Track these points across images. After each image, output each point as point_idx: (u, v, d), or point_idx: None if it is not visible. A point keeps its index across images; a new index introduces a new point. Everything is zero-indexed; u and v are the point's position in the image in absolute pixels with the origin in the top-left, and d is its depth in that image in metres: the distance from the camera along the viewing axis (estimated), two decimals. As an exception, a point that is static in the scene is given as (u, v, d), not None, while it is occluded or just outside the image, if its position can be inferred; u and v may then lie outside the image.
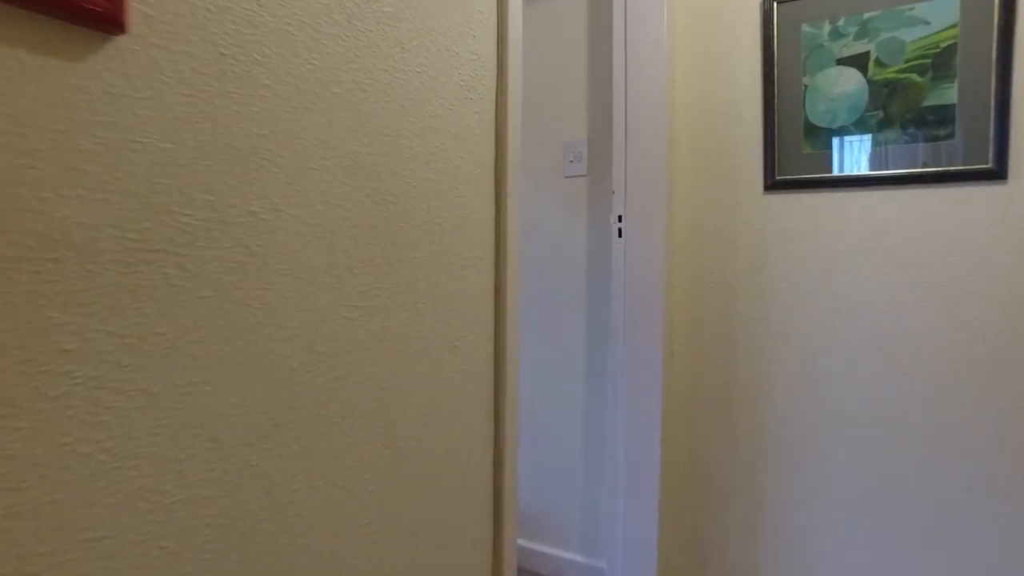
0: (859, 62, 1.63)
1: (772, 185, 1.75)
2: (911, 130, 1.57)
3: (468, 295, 1.02)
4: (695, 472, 1.88)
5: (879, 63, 1.61)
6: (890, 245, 1.61)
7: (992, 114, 1.49)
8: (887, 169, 1.60)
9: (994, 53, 1.48)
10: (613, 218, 1.89)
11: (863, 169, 1.63)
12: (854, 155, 1.64)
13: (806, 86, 1.70)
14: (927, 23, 1.55)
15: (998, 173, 1.49)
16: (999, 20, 1.47)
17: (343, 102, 0.80)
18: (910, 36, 1.57)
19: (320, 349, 0.78)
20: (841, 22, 1.64)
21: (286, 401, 0.74)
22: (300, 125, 0.74)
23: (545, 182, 2.12)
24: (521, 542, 2.21)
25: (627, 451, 1.84)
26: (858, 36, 1.62)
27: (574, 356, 2.08)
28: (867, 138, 1.62)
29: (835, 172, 1.67)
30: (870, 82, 1.62)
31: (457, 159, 0.99)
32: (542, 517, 2.15)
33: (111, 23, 0.54)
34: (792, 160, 1.72)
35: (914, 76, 1.57)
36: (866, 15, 1.61)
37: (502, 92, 1.08)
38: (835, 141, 1.66)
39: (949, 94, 1.53)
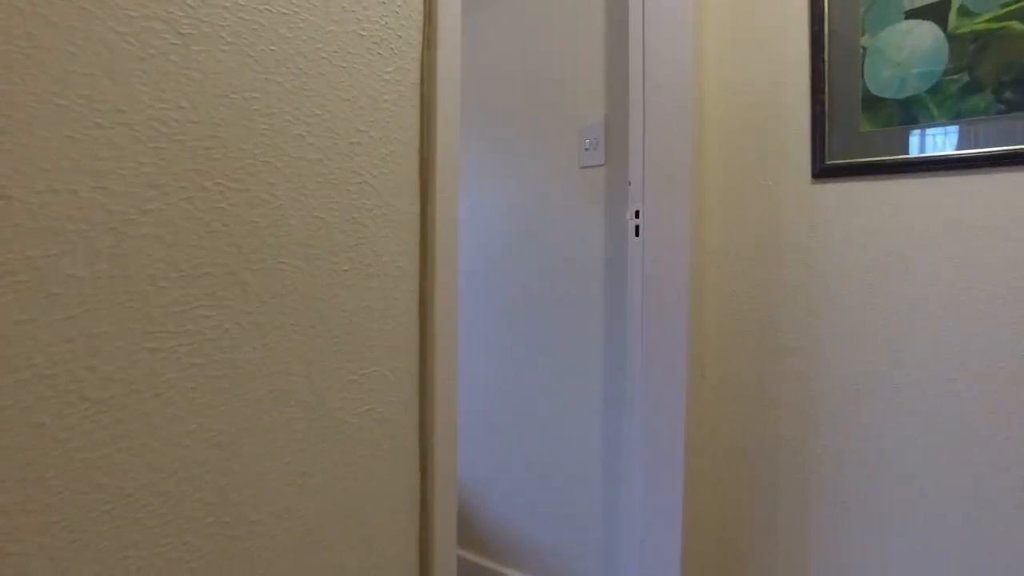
0: (936, 12, 1.28)
1: (822, 172, 1.41)
2: (1008, 96, 1.21)
3: (375, 314, 0.77)
4: (725, 524, 1.57)
5: (964, 11, 1.25)
6: (981, 250, 1.25)
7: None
8: (975, 148, 1.24)
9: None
10: (629, 213, 1.59)
11: (942, 149, 1.28)
12: (930, 132, 1.29)
13: (865, 48, 1.36)
14: (1030, -43, 1.18)
15: None
16: None
17: (137, 48, 0.57)
18: (1007, -25, 1.21)
19: (90, 400, 0.55)
20: (913, -36, 1.29)
21: None
22: (47, 74, 0.52)
23: (558, 173, 1.85)
24: (532, 583, 1.95)
25: (643, 498, 1.55)
26: (936, -20, 1.27)
27: (590, 373, 1.80)
28: (947, 109, 1.27)
29: (904, 154, 1.32)
30: (951, 37, 1.26)
31: (354, 133, 0.74)
32: (550, 554, 1.88)
33: None
34: (847, 141, 1.38)
35: (1014, 25, 1.20)
36: (946, -47, 1.26)
37: (431, 47, 0.83)
38: (903, 114, 1.32)
39: (1061, 48, 1.16)
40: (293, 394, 0.69)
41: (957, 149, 1.26)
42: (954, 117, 1.26)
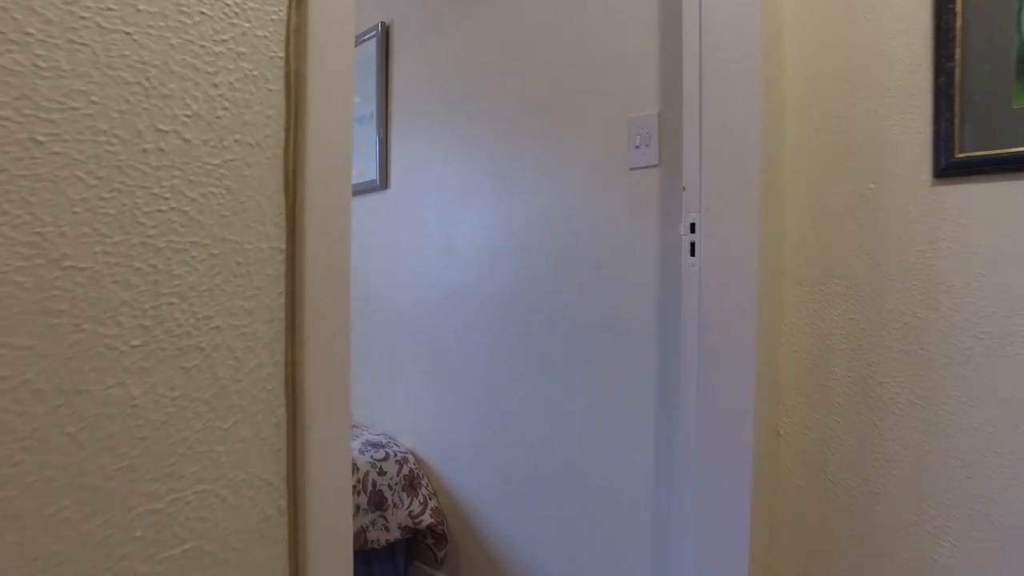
0: None
1: (949, 169, 1.02)
2: None
3: (199, 408, 0.51)
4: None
5: None
6: None
7: None
8: None
9: None
10: (683, 227, 1.25)
11: None
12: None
13: (1019, -11, 0.95)
14: None
15: None
16: None
17: None
18: None
19: None
20: None
21: None
22: None
23: (603, 175, 1.53)
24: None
25: (697, 585, 1.20)
26: None
27: (639, 423, 1.46)
28: None
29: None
30: None
31: (150, 134, 0.49)
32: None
33: None
34: (989, 123, 0.98)
35: None
36: None
37: (300, 10, 0.56)
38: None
39: None
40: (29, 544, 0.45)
41: None
42: None
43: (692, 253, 1.23)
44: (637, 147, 1.45)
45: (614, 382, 1.52)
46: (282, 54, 0.53)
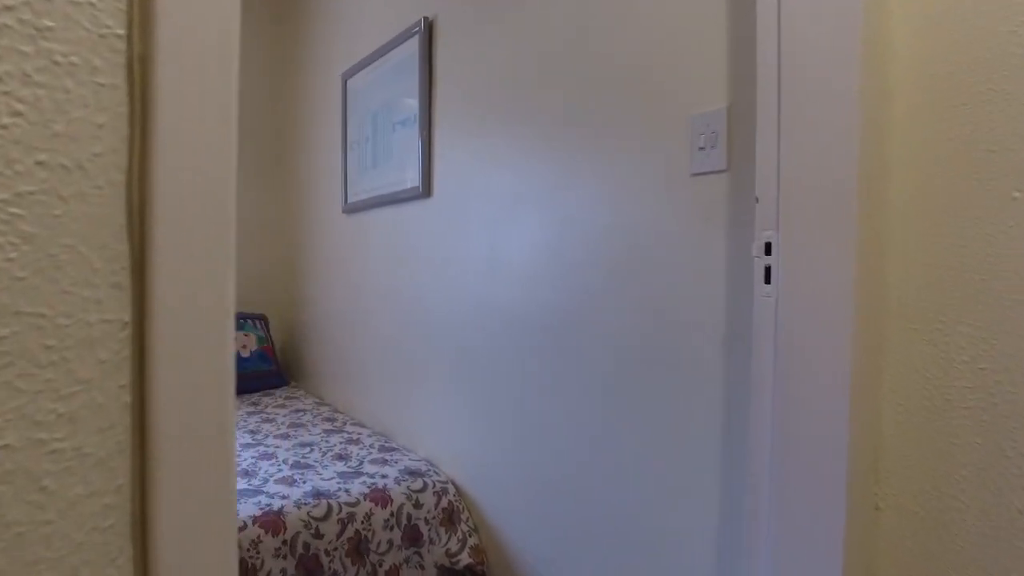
0: None
1: None
2: None
3: None
4: None
5: None
6: None
7: None
8: None
9: None
10: (756, 247, 1.02)
11: None
12: None
13: None
14: None
15: None
16: None
17: None
18: None
19: None
20: None
21: None
22: None
23: (662, 183, 1.31)
24: None
25: None
26: None
27: (702, 470, 1.23)
28: None
29: None
30: None
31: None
32: None
33: None
34: None
35: None
36: None
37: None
38: None
39: None
40: None
41: None
42: None
43: (767, 280, 1.00)
44: (701, 149, 1.22)
45: (672, 423, 1.29)
46: (122, 30, 0.36)
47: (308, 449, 2.18)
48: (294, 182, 3.46)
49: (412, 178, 2.20)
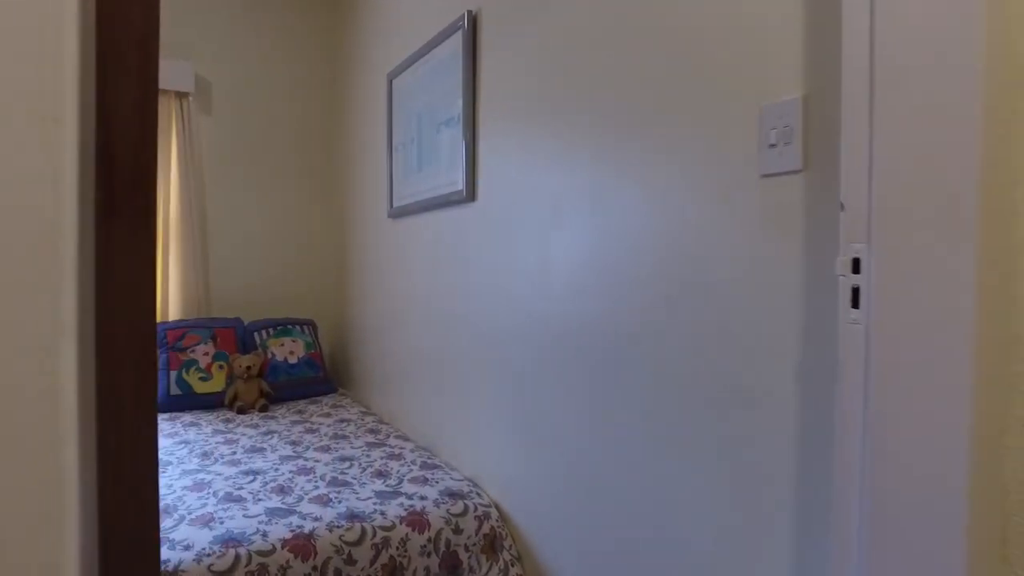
0: None
1: None
2: None
3: None
4: None
5: None
6: None
7: None
8: None
9: None
10: (841, 263, 0.85)
11: None
12: None
13: None
14: None
15: None
16: None
17: None
18: None
19: None
20: None
21: None
22: None
23: (726, 185, 1.14)
24: None
25: None
26: None
27: (774, 525, 1.06)
28: None
29: None
30: None
31: None
32: None
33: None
34: None
35: None
36: None
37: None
38: None
39: None
40: None
41: None
42: None
43: (854, 303, 0.83)
44: (772, 146, 1.05)
45: (736, 463, 1.12)
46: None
47: (348, 464, 2.10)
48: (342, 185, 3.42)
49: (456, 181, 2.09)
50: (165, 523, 1.65)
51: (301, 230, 3.51)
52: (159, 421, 2.67)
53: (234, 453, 2.21)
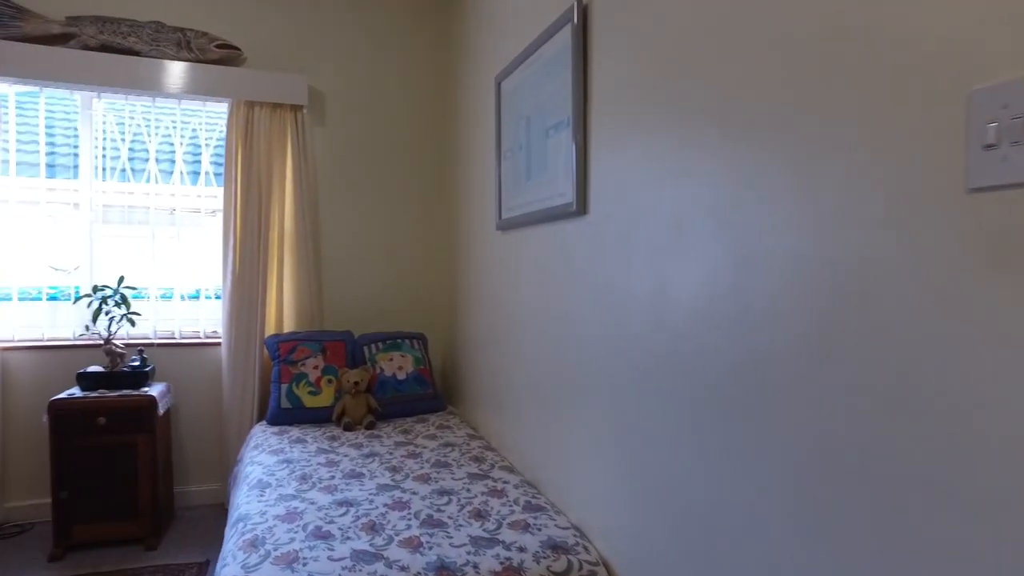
0: None
1: None
2: None
3: None
4: None
5: None
6: None
7: None
8: None
9: None
10: None
11: None
12: None
13: None
14: None
15: None
16: None
17: None
18: None
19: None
20: None
21: None
22: None
23: (904, 202, 0.84)
24: None
25: None
26: None
27: None
28: None
29: None
30: None
31: None
32: None
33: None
34: None
35: None
36: None
37: None
38: None
39: None
40: None
41: None
42: None
43: None
44: (990, 147, 0.74)
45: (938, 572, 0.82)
46: None
47: (446, 500, 1.94)
48: (453, 196, 3.31)
49: (566, 192, 1.87)
50: (250, 559, 1.56)
51: (413, 241, 3.44)
52: (268, 435, 2.68)
53: (332, 478, 2.13)
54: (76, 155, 3.02)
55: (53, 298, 2.98)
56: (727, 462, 1.20)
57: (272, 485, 2.07)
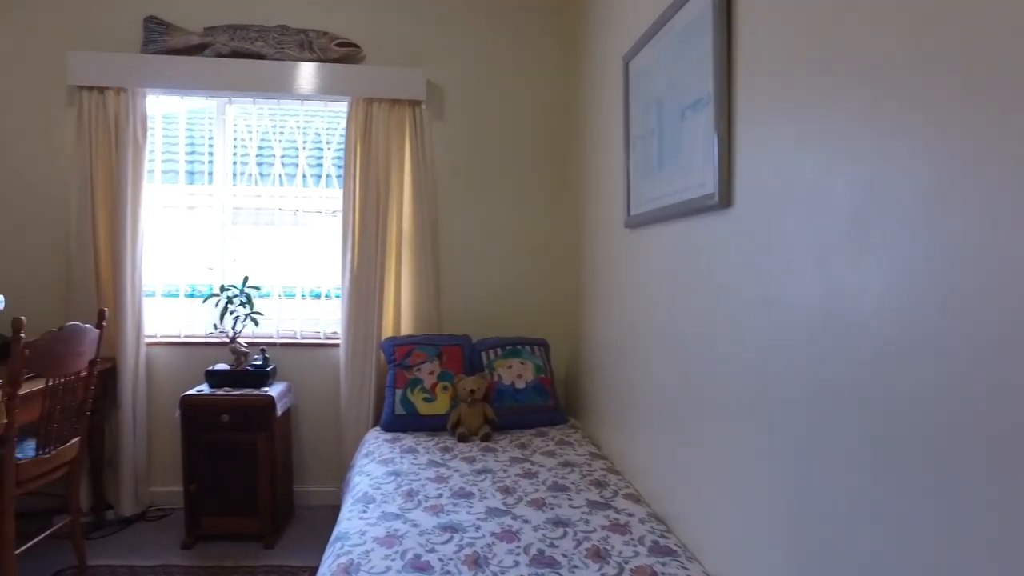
0: None
1: None
2: None
3: None
4: None
5: None
6: None
7: None
8: None
9: None
10: None
11: None
12: None
13: None
14: None
15: None
16: None
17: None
18: None
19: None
20: None
21: None
22: None
23: None
24: None
25: None
26: None
27: None
28: None
29: None
30: None
31: None
32: None
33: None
34: None
35: None
36: None
37: None
38: None
39: None
40: None
41: None
42: None
43: None
44: None
45: None
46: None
47: (561, 532, 1.72)
48: (577, 191, 3.07)
49: (705, 182, 1.58)
50: (344, 590, 1.43)
51: (535, 240, 3.24)
52: (381, 442, 2.59)
53: (440, 496, 1.97)
54: (211, 162, 3.12)
55: (190, 296, 3.10)
56: (929, 528, 0.88)
57: (376, 500, 1.94)
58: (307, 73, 2.94)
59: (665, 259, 1.91)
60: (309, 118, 3.16)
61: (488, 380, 2.78)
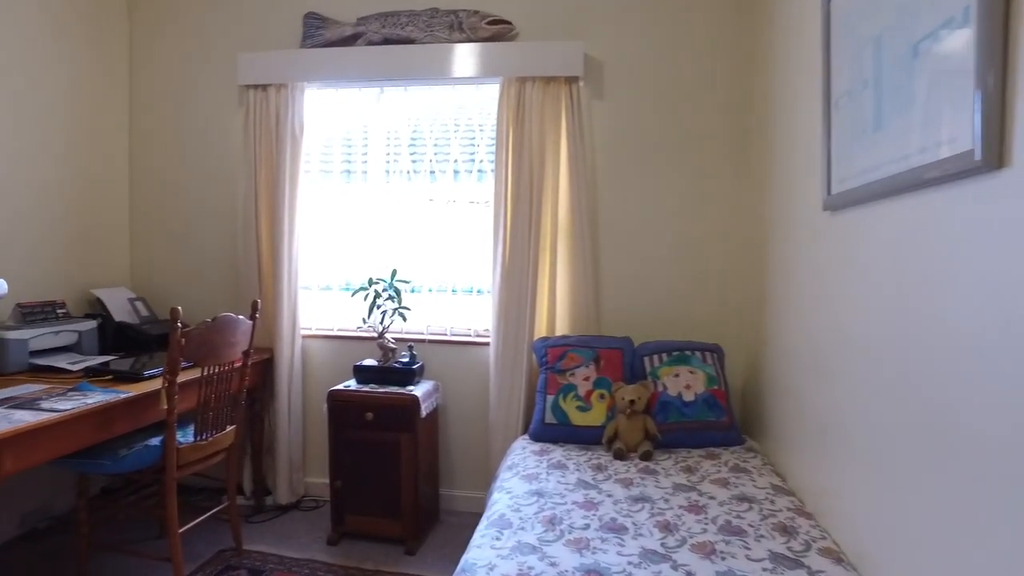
0: None
1: None
2: None
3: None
4: None
5: None
6: None
7: None
8: None
9: None
10: None
11: None
12: None
13: None
14: None
15: None
16: None
17: None
18: None
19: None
20: None
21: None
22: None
23: None
24: None
25: None
26: None
27: None
28: None
29: None
30: None
31: None
32: None
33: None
34: None
35: None
36: None
37: None
38: None
39: None
40: None
41: None
42: None
43: None
44: None
45: None
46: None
47: (735, 594, 1.34)
48: (760, 172, 2.60)
49: (956, 137, 1.12)
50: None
51: (709, 230, 2.82)
52: (527, 453, 2.34)
53: (586, 527, 1.67)
54: (365, 158, 3.09)
55: (345, 289, 3.09)
56: None
57: (513, 525, 1.69)
58: (456, 54, 2.79)
59: (883, 247, 1.45)
60: (462, 104, 3.01)
61: (651, 390, 2.43)
